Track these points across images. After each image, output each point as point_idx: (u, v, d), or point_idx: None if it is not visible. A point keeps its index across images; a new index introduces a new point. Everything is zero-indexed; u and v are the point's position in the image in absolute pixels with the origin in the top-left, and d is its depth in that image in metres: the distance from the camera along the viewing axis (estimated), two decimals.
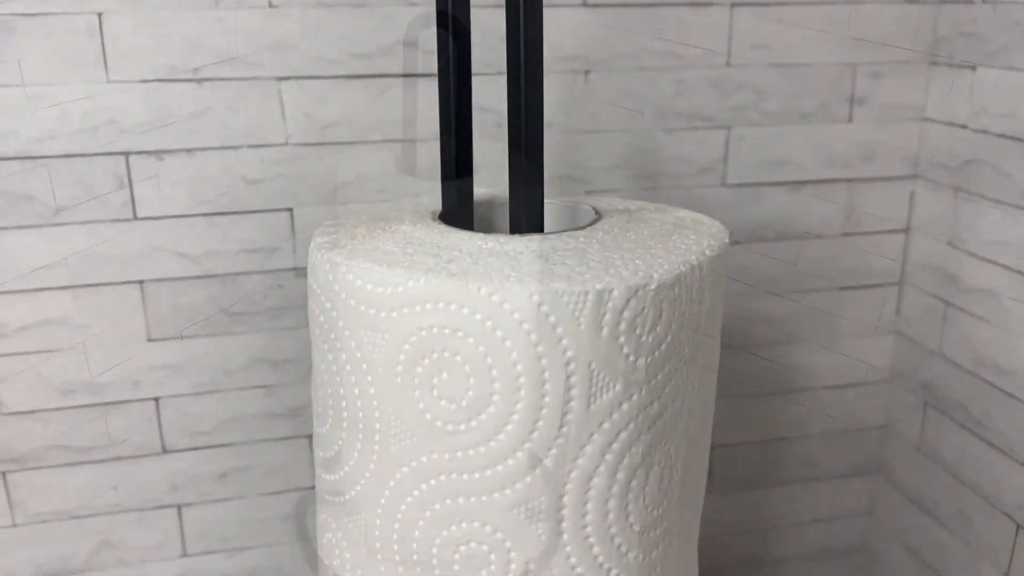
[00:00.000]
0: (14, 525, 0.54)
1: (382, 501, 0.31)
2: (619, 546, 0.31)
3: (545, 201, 0.38)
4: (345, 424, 0.31)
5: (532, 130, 0.33)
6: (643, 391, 0.29)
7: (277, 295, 0.54)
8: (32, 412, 0.52)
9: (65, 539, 0.55)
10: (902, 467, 0.64)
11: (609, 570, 0.31)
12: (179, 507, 0.56)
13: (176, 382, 0.54)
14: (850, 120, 0.58)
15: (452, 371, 0.28)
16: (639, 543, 0.31)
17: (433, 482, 0.30)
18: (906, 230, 0.61)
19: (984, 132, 0.54)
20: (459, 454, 0.29)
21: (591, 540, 0.30)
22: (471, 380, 0.28)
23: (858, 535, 0.68)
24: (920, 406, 0.62)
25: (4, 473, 0.53)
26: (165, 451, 0.55)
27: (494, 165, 0.54)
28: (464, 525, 0.30)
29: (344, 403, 0.31)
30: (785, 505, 0.66)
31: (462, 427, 0.29)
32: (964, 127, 0.56)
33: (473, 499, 0.30)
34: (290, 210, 0.53)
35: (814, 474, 0.66)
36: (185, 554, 0.57)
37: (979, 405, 0.56)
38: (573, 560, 0.30)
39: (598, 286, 0.27)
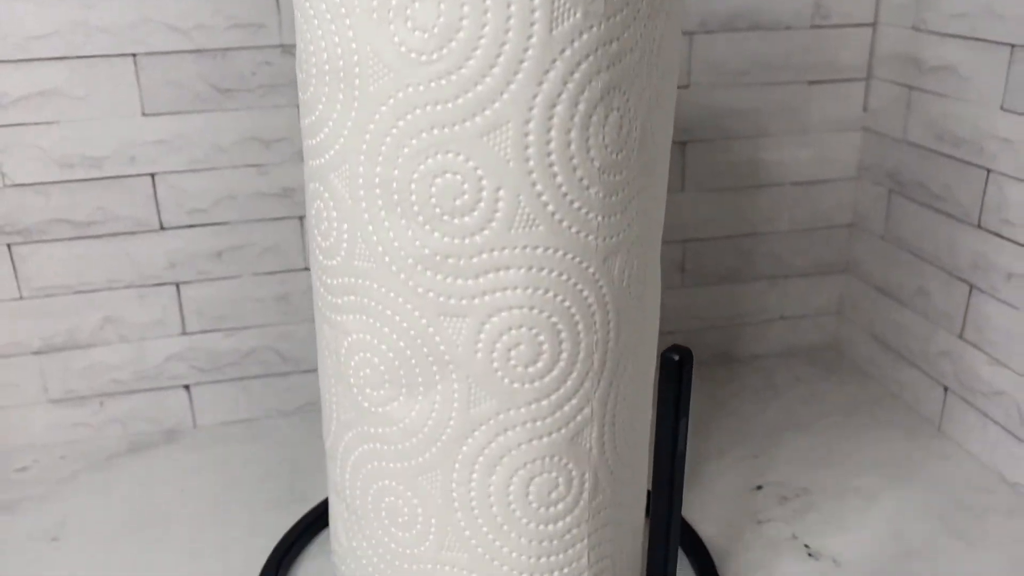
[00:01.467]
0: (20, 298, 0.57)
1: (364, 147, 0.34)
2: (581, 179, 0.33)
3: None
4: (327, 78, 0.34)
5: None
6: (602, 26, 0.32)
7: (265, 72, 0.56)
8: (33, 185, 0.55)
9: (69, 313, 0.58)
10: (869, 261, 0.67)
11: (572, 201, 0.33)
12: (177, 284, 0.59)
13: (171, 158, 0.56)
14: None
15: None
16: (599, 181, 0.34)
17: (410, 116, 0.32)
18: (873, 24, 0.64)
19: None
20: (432, 84, 0.32)
21: (555, 169, 0.33)
22: (442, 7, 0.31)
23: (827, 332, 0.72)
24: (885, 196, 0.65)
25: (9, 246, 0.56)
26: (162, 228, 0.58)
27: None
28: (439, 157, 0.33)
29: (325, 55, 0.33)
30: (755, 302, 0.69)
31: (435, 56, 0.31)
32: None
33: (447, 129, 0.32)
34: None
35: (783, 271, 0.69)
36: (184, 332, 0.60)
37: (938, 180, 0.59)
38: (539, 188, 0.33)
39: None
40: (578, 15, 0.31)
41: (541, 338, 0.35)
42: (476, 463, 0.37)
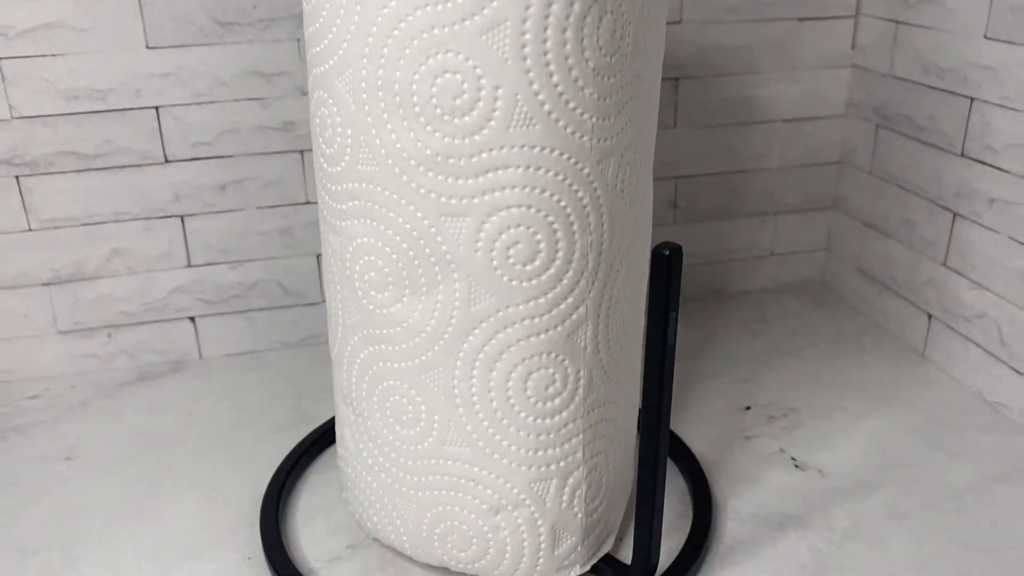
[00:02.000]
0: (29, 230, 0.58)
1: (367, 50, 0.35)
2: (576, 79, 0.35)
3: None
4: None
5: None
6: None
7: (266, 6, 0.57)
8: (40, 117, 0.56)
9: (77, 245, 0.59)
10: (856, 196, 0.69)
11: (568, 101, 0.35)
12: (182, 217, 0.60)
13: (175, 91, 0.57)
14: None
15: None
16: (594, 82, 0.35)
17: (411, 18, 0.34)
18: None
19: None
20: None
21: (551, 68, 0.34)
22: None
23: (816, 268, 0.74)
24: (872, 131, 0.66)
25: (17, 178, 0.57)
26: (167, 161, 0.59)
27: None
28: (439, 56, 0.34)
29: None
30: (746, 238, 0.71)
31: None
32: None
33: (447, 29, 0.34)
34: None
35: (774, 208, 0.71)
36: (190, 264, 0.61)
37: (924, 111, 0.60)
38: (536, 87, 0.34)
39: None
40: None
41: (538, 237, 0.36)
42: (477, 360, 0.38)
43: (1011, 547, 0.45)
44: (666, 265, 0.35)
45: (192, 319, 0.63)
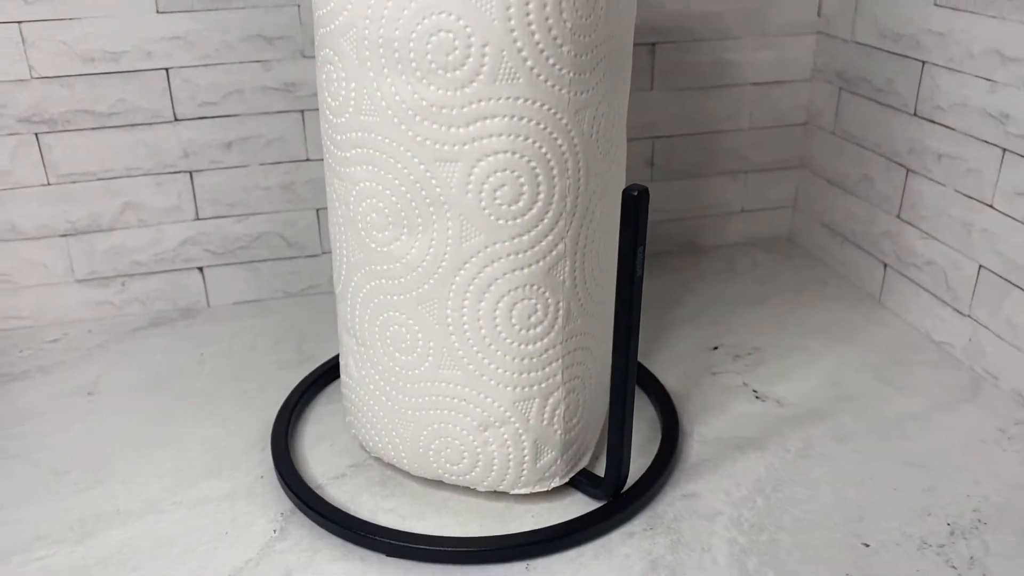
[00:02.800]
0: (48, 184, 0.62)
1: (368, 11, 0.39)
2: (555, 37, 0.39)
3: None
4: None
5: None
6: None
7: None
8: (58, 77, 0.60)
9: (93, 199, 0.63)
10: (821, 155, 0.74)
11: (548, 57, 0.39)
12: (191, 173, 0.64)
13: (183, 54, 0.61)
14: None
15: None
16: (571, 40, 0.39)
17: None
18: None
19: None
20: None
21: (533, 28, 0.38)
22: None
23: (783, 224, 0.78)
24: (835, 94, 0.71)
25: (37, 135, 0.61)
26: (176, 119, 0.63)
27: None
28: (434, 17, 0.38)
29: None
30: (718, 196, 0.76)
31: None
32: None
33: None
34: None
35: (744, 167, 0.75)
36: (198, 217, 0.66)
37: (881, 74, 0.65)
38: (519, 44, 0.39)
39: None
40: None
41: (521, 180, 0.41)
42: (467, 291, 0.43)
43: (945, 464, 0.51)
44: (635, 204, 0.40)
45: (200, 269, 0.67)
